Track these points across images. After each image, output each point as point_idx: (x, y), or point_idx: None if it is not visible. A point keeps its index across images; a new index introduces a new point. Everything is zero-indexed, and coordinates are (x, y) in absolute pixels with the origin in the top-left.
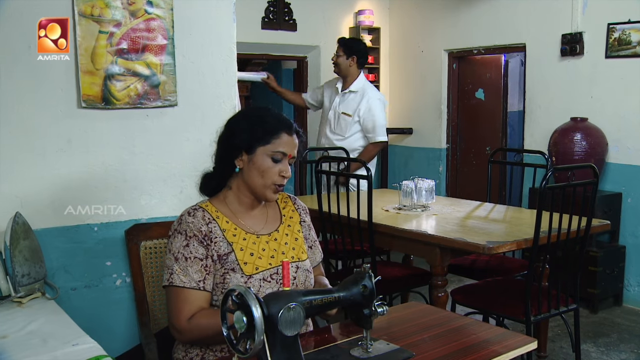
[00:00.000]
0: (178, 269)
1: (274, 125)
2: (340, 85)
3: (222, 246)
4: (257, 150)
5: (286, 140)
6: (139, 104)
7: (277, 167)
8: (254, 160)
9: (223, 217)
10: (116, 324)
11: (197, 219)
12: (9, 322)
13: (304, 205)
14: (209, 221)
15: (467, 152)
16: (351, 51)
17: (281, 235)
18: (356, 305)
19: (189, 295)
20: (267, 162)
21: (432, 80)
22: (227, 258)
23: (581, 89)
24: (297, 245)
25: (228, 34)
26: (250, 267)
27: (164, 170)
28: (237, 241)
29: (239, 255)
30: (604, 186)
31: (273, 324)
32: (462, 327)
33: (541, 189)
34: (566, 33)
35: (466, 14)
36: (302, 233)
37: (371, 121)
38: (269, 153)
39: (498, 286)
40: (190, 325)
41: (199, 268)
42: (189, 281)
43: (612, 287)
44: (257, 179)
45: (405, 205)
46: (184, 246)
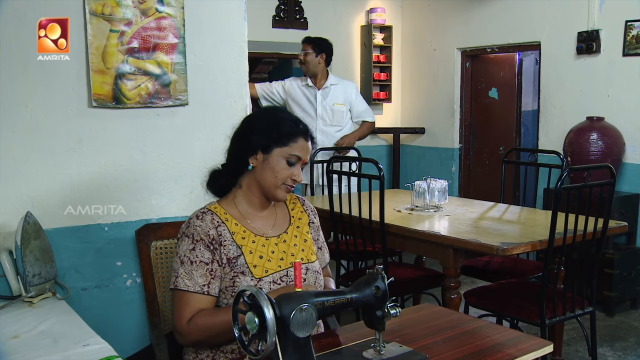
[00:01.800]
0: (183, 272)
1: (293, 129)
2: (310, 83)
3: (231, 249)
4: (274, 151)
5: (302, 145)
6: (149, 103)
7: (290, 170)
8: (269, 160)
9: (232, 219)
10: (127, 325)
11: (205, 223)
12: (20, 322)
13: (312, 206)
14: (218, 224)
15: (480, 152)
16: (320, 49)
17: (290, 236)
18: (369, 307)
19: (192, 299)
20: (282, 163)
21: (444, 79)
22: (236, 261)
23: (597, 88)
24: (307, 246)
25: (239, 33)
26: (259, 270)
27: (174, 170)
28: (246, 244)
29: (248, 258)
30: (621, 187)
31: (285, 325)
32: (475, 329)
33: (557, 190)
34: (582, 31)
35: (479, 12)
36: (311, 234)
37: (362, 104)
38: (285, 155)
39: (512, 288)
40: (190, 327)
41: (204, 272)
42: (193, 285)
43: (629, 290)
44: (270, 178)
45: (417, 206)
46: (190, 250)
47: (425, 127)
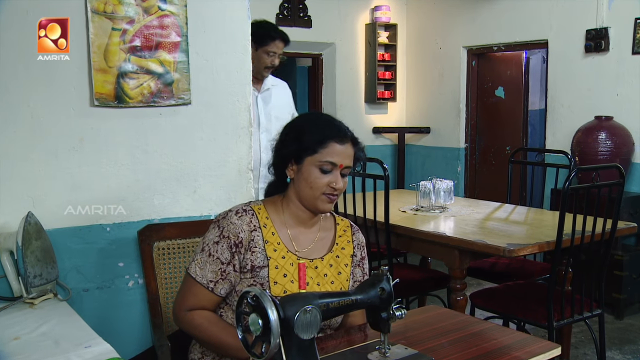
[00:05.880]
0: (199, 259)
1: (322, 134)
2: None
3: (259, 257)
4: (305, 161)
5: (336, 150)
6: (152, 102)
7: (326, 178)
8: (302, 170)
9: (271, 226)
10: (128, 326)
11: (241, 222)
12: (21, 324)
13: (362, 239)
14: (254, 228)
15: (486, 152)
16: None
17: (324, 264)
18: (374, 309)
19: (197, 290)
20: (315, 172)
21: (450, 78)
22: (259, 272)
23: (606, 87)
24: (339, 279)
25: (242, 32)
26: (278, 289)
27: (177, 170)
28: (276, 257)
29: (272, 272)
30: (630, 187)
31: (289, 326)
32: (482, 331)
33: (564, 190)
34: (591, 29)
35: (486, 9)
36: (350, 267)
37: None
38: (316, 163)
39: (519, 290)
40: (186, 317)
41: (216, 270)
42: (202, 276)
43: (638, 292)
44: (306, 190)
45: (423, 206)
46: (214, 242)
47: (430, 127)
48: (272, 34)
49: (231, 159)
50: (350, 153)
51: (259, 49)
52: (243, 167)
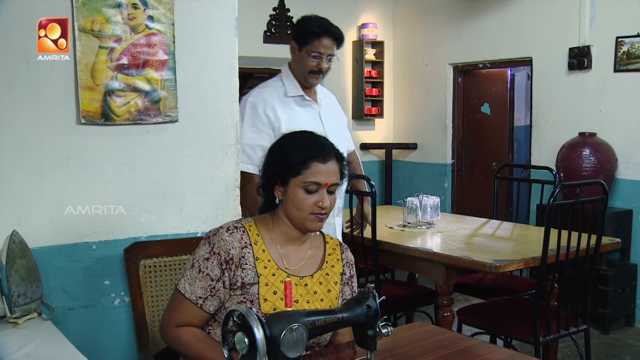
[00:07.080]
0: (189, 275)
1: (304, 154)
2: (306, 96)
3: (249, 274)
4: (290, 182)
5: (320, 169)
6: (139, 120)
7: (312, 199)
8: (288, 192)
9: (262, 243)
10: (114, 345)
11: (233, 239)
12: (4, 344)
13: (351, 257)
14: (245, 245)
15: (472, 168)
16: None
17: (314, 282)
18: (360, 326)
19: (185, 306)
20: (301, 194)
21: (436, 94)
22: (250, 289)
23: (589, 104)
24: (329, 297)
25: (229, 49)
26: (268, 306)
27: (164, 187)
28: (266, 275)
29: (262, 290)
30: (613, 203)
31: (275, 345)
32: (468, 348)
33: (549, 206)
34: (573, 47)
35: (471, 27)
36: (340, 285)
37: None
38: (301, 185)
39: (505, 306)
40: (174, 334)
41: (205, 286)
42: (191, 292)
43: (623, 307)
44: (294, 212)
45: (409, 223)
46: (204, 258)
47: (417, 143)
48: (316, 30)
49: (218, 177)
50: (335, 170)
51: (302, 50)
52: (230, 185)
